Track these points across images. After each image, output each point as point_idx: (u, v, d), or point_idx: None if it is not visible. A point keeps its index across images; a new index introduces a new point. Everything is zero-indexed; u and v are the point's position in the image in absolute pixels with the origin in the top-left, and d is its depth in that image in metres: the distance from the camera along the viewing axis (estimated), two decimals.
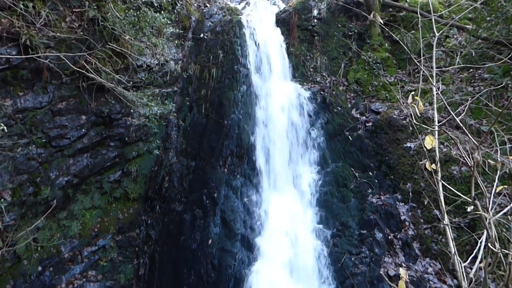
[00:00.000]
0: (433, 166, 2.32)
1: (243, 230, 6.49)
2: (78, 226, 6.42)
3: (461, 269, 2.13)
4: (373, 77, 8.59)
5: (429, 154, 5.61)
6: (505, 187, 5.28)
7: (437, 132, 2.53)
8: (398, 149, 7.10)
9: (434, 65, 2.82)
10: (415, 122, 2.47)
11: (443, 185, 2.42)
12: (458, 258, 2.16)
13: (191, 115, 7.99)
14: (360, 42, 9.37)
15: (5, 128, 4.61)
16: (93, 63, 5.91)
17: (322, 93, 8.43)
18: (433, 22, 3.09)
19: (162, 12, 7.00)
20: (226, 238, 6.40)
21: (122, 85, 6.37)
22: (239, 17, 9.17)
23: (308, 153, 7.61)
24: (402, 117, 7.42)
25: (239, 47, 8.47)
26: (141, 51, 6.80)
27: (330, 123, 7.84)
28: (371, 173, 7.17)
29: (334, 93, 8.34)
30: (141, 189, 7.38)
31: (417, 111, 2.38)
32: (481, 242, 2.28)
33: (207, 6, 9.98)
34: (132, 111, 6.99)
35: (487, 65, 6.76)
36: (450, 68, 7.15)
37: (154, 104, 6.88)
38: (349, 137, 7.58)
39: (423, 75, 6.54)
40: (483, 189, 2.12)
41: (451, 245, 2.20)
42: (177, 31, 7.73)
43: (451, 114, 2.17)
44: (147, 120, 7.01)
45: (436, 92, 2.85)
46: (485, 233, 2.11)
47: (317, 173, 7.36)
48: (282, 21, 10.00)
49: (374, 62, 8.68)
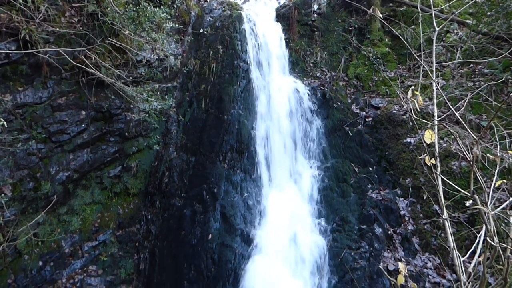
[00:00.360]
0: (433, 161, 2.33)
1: (243, 225, 6.51)
2: (78, 221, 6.43)
3: (460, 263, 2.14)
4: (373, 72, 8.58)
5: (429, 149, 5.61)
6: (504, 181, 5.29)
7: (436, 127, 2.53)
8: (398, 144, 7.10)
9: (434, 60, 2.82)
10: (415, 117, 2.47)
11: (443, 180, 2.42)
12: (457, 252, 2.18)
13: (191, 110, 7.98)
14: (360, 37, 9.35)
15: (5, 123, 4.60)
16: (93, 58, 5.90)
17: (322, 88, 8.42)
18: (433, 17, 3.08)
19: (161, 7, 6.97)
20: (226, 233, 6.42)
21: (121, 80, 6.36)
22: (239, 12, 9.14)
23: (308, 148, 7.61)
24: (402, 112, 7.42)
25: (239, 42, 8.44)
26: (140, 46, 6.78)
27: (330, 118, 7.83)
28: (371, 168, 7.17)
29: (334, 88, 8.32)
30: (141, 184, 7.39)
31: (417, 106, 2.38)
32: (480, 236, 2.29)
33: (206, 1, 9.94)
34: (132, 106, 6.98)
35: (487, 60, 6.75)
36: (450, 63, 7.13)
37: (154, 99, 6.87)
38: (349, 132, 7.58)
39: (423, 70, 6.53)
40: (482, 183, 2.12)
41: (450, 240, 2.21)
42: (177, 26, 7.71)
43: (451, 109, 2.17)
44: (147, 115, 7.01)
45: (436, 87, 2.85)
46: (484, 227, 2.12)
47: (317, 168, 7.37)
48: (282, 16, 9.97)
49: (374, 57, 8.66)
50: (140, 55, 6.89)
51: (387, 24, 3.80)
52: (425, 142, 2.28)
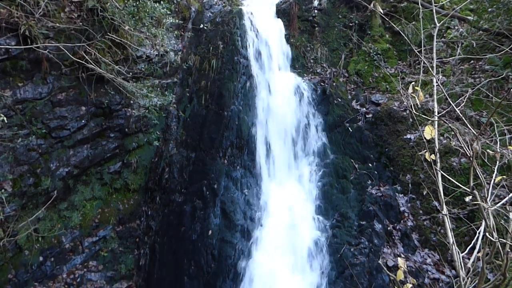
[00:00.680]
0: (433, 156, 2.33)
1: (243, 221, 6.52)
2: (78, 216, 6.45)
3: (459, 259, 2.15)
4: (373, 69, 8.56)
5: (429, 145, 5.61)
6: (504, 177, 5.29)
7: (436, 123, 2.53)
8: (398, 141, 7.10)
9: (434, 56, 2.81)
10: (415, 112, 2.46)
11: (443, 176, 2.42)
12: (456, 248, 2.18)
13: (191, 106, 7.97)
14: (360, 33, 9.32)
15: (5, 118, 4.61)
16: (93, 53, 5.89)
17: (322, 84, 8.41)
18: (434, 12, 3.06)
19: (161, 2, 6.95)
20: (226, 229, 6.43)
21: (121, 76, 6.35)
22: (239, 7, 9.11)
23: (308, 144, 7.60)
24: (402, 109, 7.41)
25: (239, 38, 8.42)
26: (140, 41, 6.76)
27: (330, 115, 7.82)
28: (370, 165, 7.17)
29: (334, 84, 8.31)
30: (141, 180, 7.40)
31: (418, 102, 2.37)
32: (479, 232, 2.30)
33: None
34: (132, 102, 6.98)
35: (488, 56, 6.74)
36: (450, 59, 7.12)
37: (154, 95, 6.87)
38: (349, 128, 7.57)
39: (423, 66, 6.52)
40: (482, 179, 2.13)
41: (450, 235, 2.22)
42: (177, 21, 7.68)
43: (451, 105, 2.17)
44: (147, 111, 7.00)
45: (436, 83, 2.85)
46: (484, 223, 2.13)
47: (317, 164, 7.36)
48: (282, 11, 9.93)
49: (374, 53, 8.64)
50: (140, 51, 6.87)
51: (387, 19, 3.79)
52: (425, 138, 2.28)
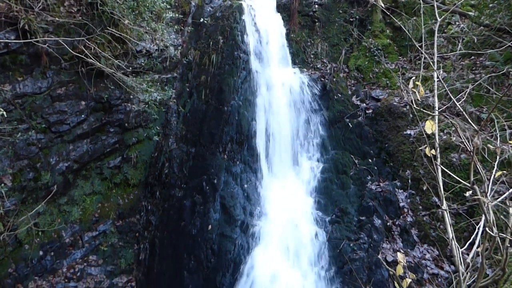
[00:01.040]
0: (433, 151, 2.32)
1: (242, 216, 6.53)
2: (78, 211, 6.46)
3: (459, 253, 2.15)
4: (374, 64, 8.54)
5: (429, 141, 5.61)
6: (504, 172, 5.29)
7: (437, 118, 2.52)
8: (398, 136, 7.10)
9: (435, 52, 2.80)
10: (415, 107, 2.46)
11: (442, 171, 2.42)
12: (455, 243, 2.18)
13: (191, 101, 7.96)
14: (361, 28, 9.29)
15: (5, 113, 4.60)
16: (92, 48, 5.87)
17: (322, 79, 8.39)
18: (435, 8, 3.04)
19: None
20: (225, 223, 6.44)
21: (121, 70, 6.34)
22: (239, 2, 9.06)
23: (308, 139, 7.60)
24: (402, 104, 7.40)
25: (239, 33, 8.38)
26: (140, 36, 6.74)
27: (330, 110, 7.81)
28: (370, 160, 7.18)
29: (334, 79, 8.29)
30: (141, 175, 7.40)
31: (418, 97, 2.36)
32: (479, 227, 2.30)
33: None
34: (131, 97, 6.97)
35: (488, 52, 6.72)
36: (451, 54, 7.10)
37: (153, 90, 6.85)
38: (349, 124, 7.57)
39: (424, 62, 6.50)
40: (482, 174, 2.12)
41: (449, 230, 2.22)
42: (177, 16, 7.64)
43: (451, 100, 2.16)
44: (147, 106, 6.99)
45: (437, 78, 2.84)
46: (483, 218, 2.13)
47: (316, 159, 7.37)
48: (282, 6, 9.89)
49: (375, 48, 8.62)
50: (140, 45, 6.85)
51: (389, 13, 3.77)
52: (425, 132, 2.27)
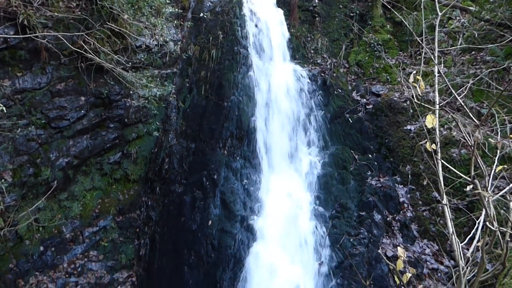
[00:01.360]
0: (433, 146, 2.32)
1: (242, 211, 6.53)
2: (79, 207, 6.46)
3: (459, 248, 2.15)
4: (374, 59, 8.51)
5: (429, 136, 5.60)
6: (504, 167, 5.29)
7: (437, 113, 2.51)
8: (398, 132, 7.09)
9: (436, 47, 2.79)
10: (416, 101, 2.45)
11: (443, 166, 2.42)
12: (456, 238, 2.18)
13: (190, 97, 7.94)
14: (361, 23, 9.25)
15: (4, 109, 4.60)
16: (92, 43, 5.84)
17: (322, 75, 8.37)
18: (436, 3, 3.03)
19: None
20: (225, 219, 6.45)
21: (121, 65, 6.31)
22: None
23: (308, 135, 7.59)
24: (402, 100, 7.39)
25: (239, 28, 8.35)
26: (140, 31, 6.70)
27: (330, 105, 7.80)
28: (370, 156, 7.17)
29: (334, 75, 8.27)
30: (141, 170, 7.40)
31: (419, 91, 2.36)
32: (479, 222, 2.29)
33: None
34: (131, 92, 6.95)
35: (489, 47, 6.70)
36: (452, 48, 7.08)
37: (153, 85, 6.83)
38: (349, 119, 7.56)
39: (424, 57, 6.48)
40: (482, 168, 2.12)
41: (449, 225, 2.22)
42: (176, 11, 7.60)
43: (452, 95, 2.16)
44: (147, 101, 6.97)
45: (437, 73, 2.83)
46: (484, 212, 2.12)
47: (317, 155, 7.36)
48: (282, 1, 9.82)
49: (375, 43, 8.59)
50: (139, 41, 6.82)
51: (389, 6, 3.75)
52: (426, 127, 2.27)
